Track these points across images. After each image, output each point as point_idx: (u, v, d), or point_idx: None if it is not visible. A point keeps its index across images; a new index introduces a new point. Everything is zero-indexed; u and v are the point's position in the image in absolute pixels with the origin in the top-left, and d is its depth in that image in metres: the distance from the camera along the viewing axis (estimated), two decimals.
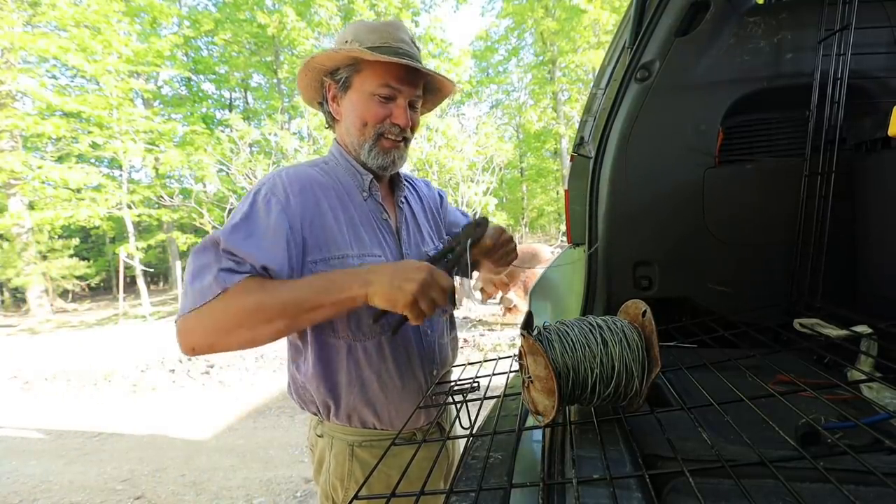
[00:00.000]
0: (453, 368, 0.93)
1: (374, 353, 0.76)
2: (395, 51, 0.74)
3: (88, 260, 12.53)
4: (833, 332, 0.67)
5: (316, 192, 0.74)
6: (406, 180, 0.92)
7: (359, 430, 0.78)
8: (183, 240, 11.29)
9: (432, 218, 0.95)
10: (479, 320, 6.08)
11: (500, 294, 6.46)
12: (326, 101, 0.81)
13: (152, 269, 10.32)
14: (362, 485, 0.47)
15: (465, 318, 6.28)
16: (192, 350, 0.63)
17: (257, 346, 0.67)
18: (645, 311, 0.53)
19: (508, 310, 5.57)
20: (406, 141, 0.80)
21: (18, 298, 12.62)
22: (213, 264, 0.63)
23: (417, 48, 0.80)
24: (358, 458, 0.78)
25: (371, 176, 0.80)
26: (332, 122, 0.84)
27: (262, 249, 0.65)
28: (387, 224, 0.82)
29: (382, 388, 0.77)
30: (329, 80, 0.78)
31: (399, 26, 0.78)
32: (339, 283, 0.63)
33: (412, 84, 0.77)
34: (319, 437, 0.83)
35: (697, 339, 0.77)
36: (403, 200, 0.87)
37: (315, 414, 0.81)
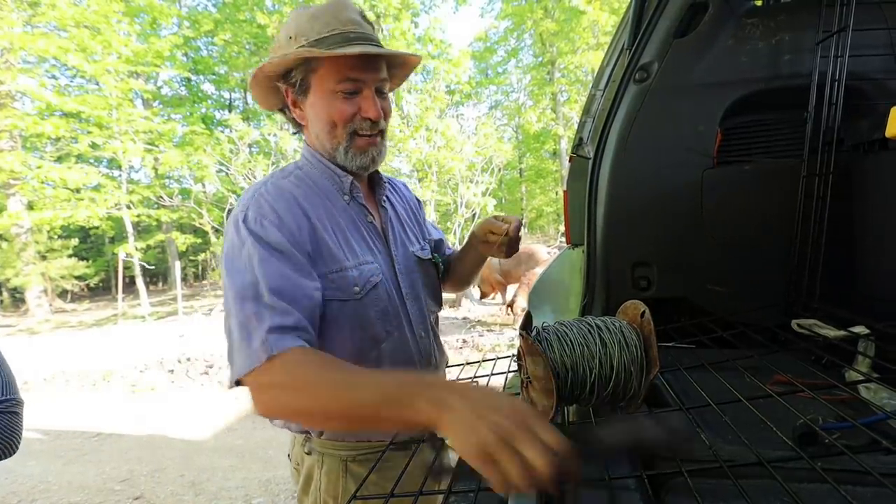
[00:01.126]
0: (452, 369, 0.92)
1: (373, 366, 0.73)
2: (345, 37, 0.66)
3: (87, 260, 12.51)
4: (831, 332, 0.67)
5: (301, 205, 0.68)
6: (384, 180, 0.87)
7: (353, 444, 0.74)
8: (182, 240, 11.28)
9: (414, 218, 0.90)
10: (478, 321, 6.08)
11: (496, 294, 6.50)
12: (287, 108, 0.75)
13: (153, 267, 10.28)
14: (359, 486, 0.47)
15: (464, 318, 6.28)
16: (265, 415, 0.59)
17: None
18: (643, 312, 0.53)
19: (516, 313, 5.55)
20: (382, 133, 0.74)
21: (17, 298, 12.60)
22: (258, 321, 0.57)
23: (370, 24, 0.72)
24: (352, 473, 0.74)
25: (350, 177, 0.74)
26: (297, 128, 0.78)
27: (299, 289, 0.61)
28: (372, 226, 0.77)
29: None
30: (284, 85, 0.71)
31: (343, 4, 0.70)
32: (408, 398, 0.46)
33: (374, 69, 0.69)
34: (307, 454, 0.77)
35: (696, 339, 0.77)
36: (385, 199, 0.82)
37: (302, 432, 0.77)
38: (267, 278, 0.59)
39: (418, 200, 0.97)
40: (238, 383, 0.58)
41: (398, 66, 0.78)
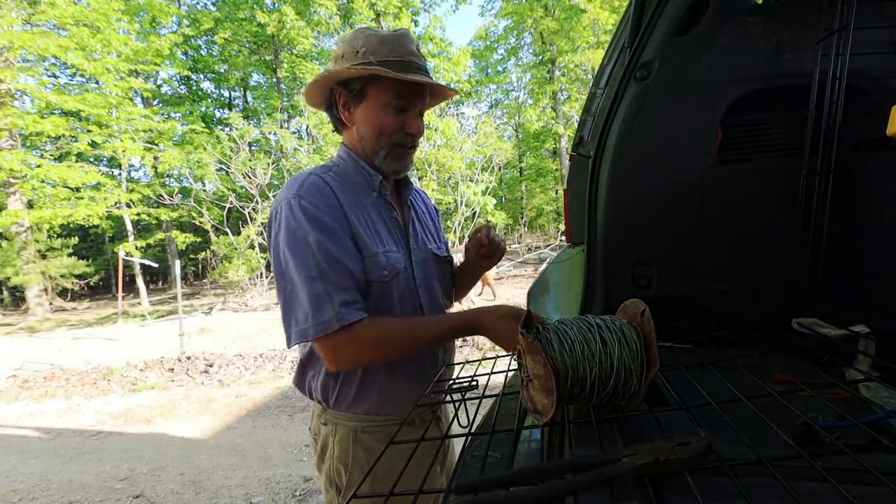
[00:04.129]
0: (453, 366, 0.94)
1: None
2: (408, 65, 0.79)
3: (87, 259, 12.51)
4: (831, 331, 0.67)
5: (338, 196, 0.79)
6: (412, 184, 0.98)
7: (361, 417, 0.83)
8: (182, 238, 11.28)
9: (433, 223, 1.01)
10: None
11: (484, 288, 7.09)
12: (336, 108, 0.85)
13: (157, 265, 10.28)
14: (366, 475, 0.49)
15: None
16: (343, 368, 0.78)
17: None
18: (644, 311, 0.53)
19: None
20: (415, 147, 0.87)
21: (17, 297, 12.62)
22: (326, 298, 0.71)
23: (422, 56, 0.85)
24: (361, 442, 0.83)
25: (381, 176, 0.85)
26: (341, 126, 0.88)
27: (354, 265, 0.75)
28: (396, 221, 0.87)
29: (390, 377, 0.83)
30: (340, 89, 0.83)
31: (408, 37, 0.82)
32: (461, 327, 0.75)
33: (422, 95, 0.83)
34: (323, 424, 0.86)
35: (696, 338, 0.77)
36: (411, 200, 0.93)
37: (320, 402, 0.86)
38: (327, 259, 0.72)
39: (437, 209, 1.10)
40: (303, 340, 0.74)
41: (434, 97, 0.90)
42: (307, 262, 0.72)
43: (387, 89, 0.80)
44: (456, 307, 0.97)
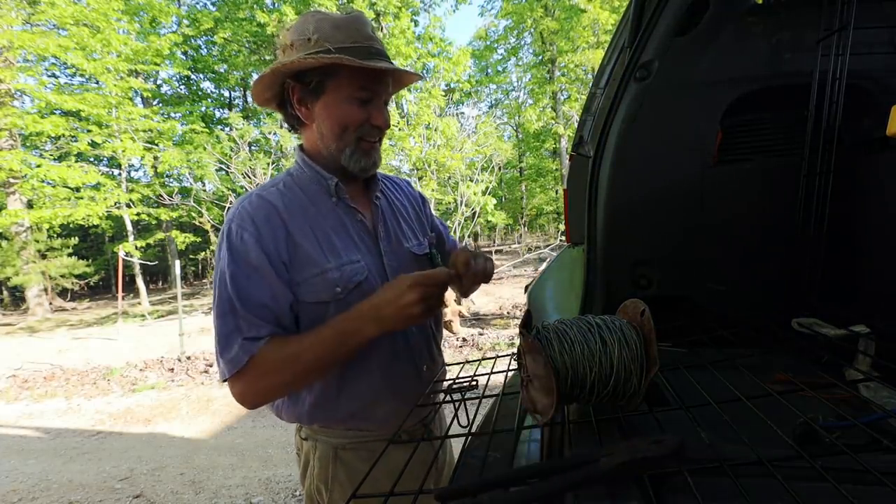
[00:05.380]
0: (452, 367, 0.92)
1: (360, 359, 0.75)
2: (368, 51, 0.72)
3: (87, 259, 12.50)
4: (831, 331, 0.67)
5: (281, 215, 0.73)
6: (384, 179, 0.90)
7: (342, 432, 0.77)
8: (182, 238, 11.28)
9: (415, 215, 0.92)
10: (477, 318, 6.09)
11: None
12: (290, 105, 0.76)
13: (156, 263, 10.25)
14: (358, 486, 0.47)
15: (461, 317, 6.28)
16: (250, 408, 0.74)
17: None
18: (643, 311, 0.53)
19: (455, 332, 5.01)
20: (380, 140, 0.80)
21: (17, 297, 12.61)
22: (236, 333, 0.68)
23: (379, 39, 0.78)
24: (342, 460, 0.77)
25: (335, 179, 0.77)
26: (297, 125, 0.79)
27: (271, 300, 0.70)
28: (362, 224, 0.80)
29: (369, 389, 0.77)
30: (293, 83, 0.74)
31: (363, 20, 0.75)
32: (351, 332, 0.69)
33: (387, 84, 0.76)
34: (304, 439, 0.82)
35: (696, 338, 0.77)
36: (379, 196, 0.85)
37: (295, 422, 0.81)
38: (239, 294, 0.68)
39: (423, 197, 1.00)
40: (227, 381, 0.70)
41: (397, 83, 0.83)
42: (221, 296, 0.69)
43: (349, 80, 0.72)
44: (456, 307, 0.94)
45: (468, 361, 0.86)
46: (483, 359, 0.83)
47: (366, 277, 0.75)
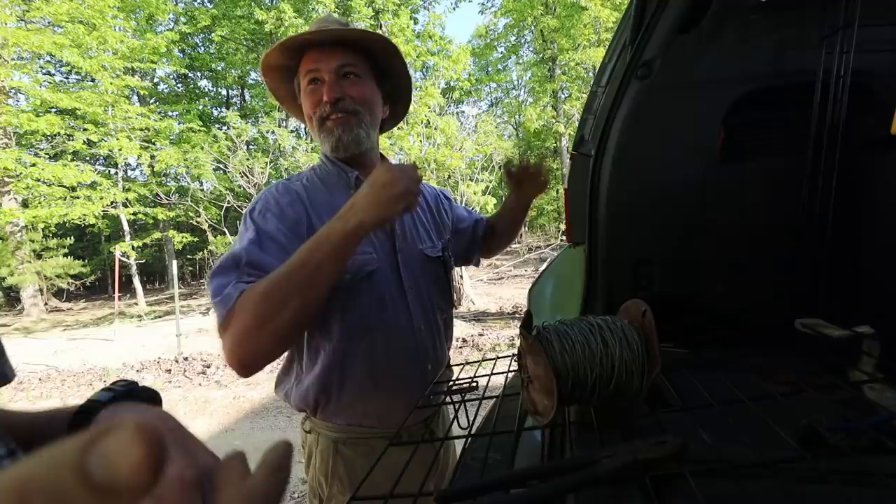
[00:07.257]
0: (453, 368, 0.92)
1: (364, 352, 0.75)
2: (319, 33, 0.72)
3: (83, 259, 12.44)
4: (835, 332, 0.67)
5: (304, 203, 0.75)
6: None
7: (343, 427, 0.78)
8: (179, 238, 11.23)
9: (434, 216, 0.93)
10: (477, 319, 6.09)
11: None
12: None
13: (152, 263, 10.22)
14: (359, 486, 0.47)
15: (461, 317, 6.29)
16: (243, 368, 0.61)
17: (292, 340, 0.68)
18: (645, 311, 0.52)
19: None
20: (354, 114, 0.76)
21: (12, 298, 12.53)
22: (234, 280, 0.63)
23: (346, 23, 0.79)
24: (342, 454, 0.78)
25: (356, 172, 0.79)
26: None
27: (280, 253, 0.67)
28: None
29: (374, 386, 0.77)
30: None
31: (331, 18, 0.78)
32: (328, 233, 0.61)
33: (331, 55, 0.74)
34: (307, 432, 0.83)
35: (698, 338, 0.77)
36: None
37: (303, 410, 0.81)
38: (248, 254, 0.65)
39: (446, 195, 1.02)
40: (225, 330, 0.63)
41: (381, 54, 0.80)
42: (230, 252, 0.67)
43: (304, 68, 0.74)
44: (457, 307, 0.93)
45: (468, 362, 0.85)
46: (483, 360, 0.82)
47: (377, 269, 0.76)
